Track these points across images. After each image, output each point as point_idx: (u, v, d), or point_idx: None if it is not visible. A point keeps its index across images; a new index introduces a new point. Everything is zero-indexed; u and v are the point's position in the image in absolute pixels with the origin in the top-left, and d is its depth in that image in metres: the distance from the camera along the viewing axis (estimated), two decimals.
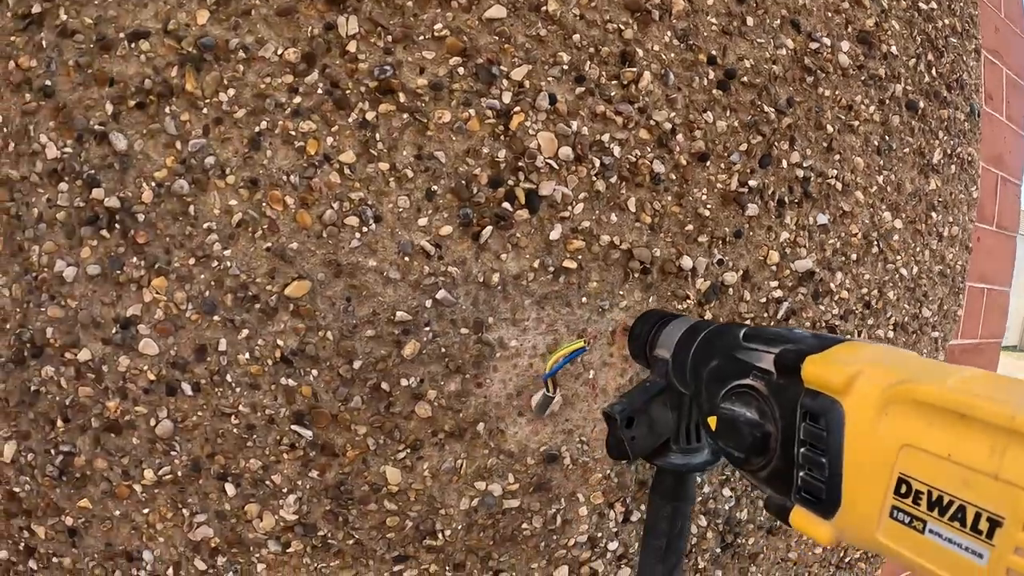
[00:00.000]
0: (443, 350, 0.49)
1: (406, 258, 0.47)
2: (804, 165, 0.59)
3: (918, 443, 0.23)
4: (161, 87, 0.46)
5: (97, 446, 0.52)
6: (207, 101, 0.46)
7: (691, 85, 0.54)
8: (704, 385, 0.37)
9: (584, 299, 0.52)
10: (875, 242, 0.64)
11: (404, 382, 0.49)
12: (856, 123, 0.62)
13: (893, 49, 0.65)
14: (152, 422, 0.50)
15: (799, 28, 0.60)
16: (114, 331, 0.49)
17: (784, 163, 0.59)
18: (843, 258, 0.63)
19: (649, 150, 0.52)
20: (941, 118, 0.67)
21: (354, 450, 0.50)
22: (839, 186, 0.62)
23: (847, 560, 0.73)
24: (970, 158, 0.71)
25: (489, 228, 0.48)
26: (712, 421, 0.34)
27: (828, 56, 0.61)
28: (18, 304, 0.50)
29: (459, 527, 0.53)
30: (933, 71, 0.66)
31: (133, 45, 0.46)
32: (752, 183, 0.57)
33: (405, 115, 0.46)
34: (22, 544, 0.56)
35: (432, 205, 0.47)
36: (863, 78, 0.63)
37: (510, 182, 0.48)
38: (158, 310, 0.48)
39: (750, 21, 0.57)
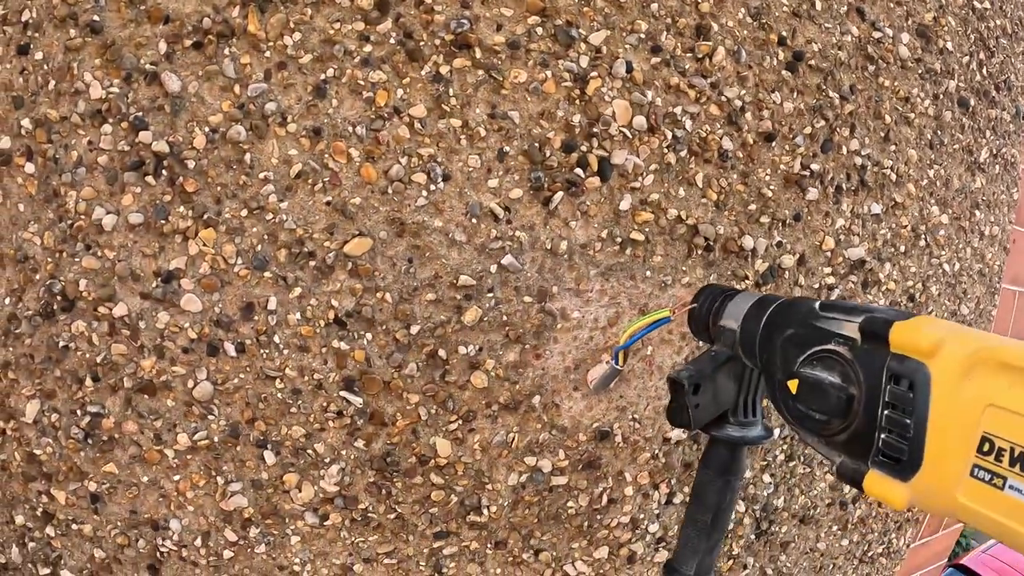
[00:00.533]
0: (505, 318, 0.47)
1: (473, 220, 0.45)
2: (862, 153, 0.59)
3: (1003, 403, 0.25)
4: (221, 27, 0.44)
5: (128, 408, 0.49)
6: (271, 44, 0.44)
7: (762, 64, 0.53)
8: (779, 352, 0.36)
9: (648, 273, 0.50)
10: (923, 235, 0.64)
11: (462, 350, 0.47)
12: (912, 115, 0.62)
13: (949, 45, 0.65)
14: (190, 383, 0.48)
15: (864, 16, 0.59)
16: (154, 285, 0.46)
17: (844, 149, 0.58)
18: (892, 249, 0.63)
19: (719, 126, 0.52)
20: (989, 117, 0.68)
21: (404, 420, 0.48)
22: (893, 176, 0.62)
23: (869, 554, 0.74)
24: (1013, 159, 0.72)
25: (560, 194, 0.46)
26: (793, 385, 0.34)
27: (889, 47, 0.61)
28: (50, 253, 0.47)
29: (505, 503, 0.52)
30: (984, 70, 0.66)
31: None
32: (814, 167, 0.56)
33: (480, 72, 0.45)
34: (40, 509, 0.53)
35: (503, 166, 0.46)
36: (920, 71, 0.63)
37: (583, 148, 0.47)
38: (204, 264, 0.46)
39: (819, 5, 0.56)
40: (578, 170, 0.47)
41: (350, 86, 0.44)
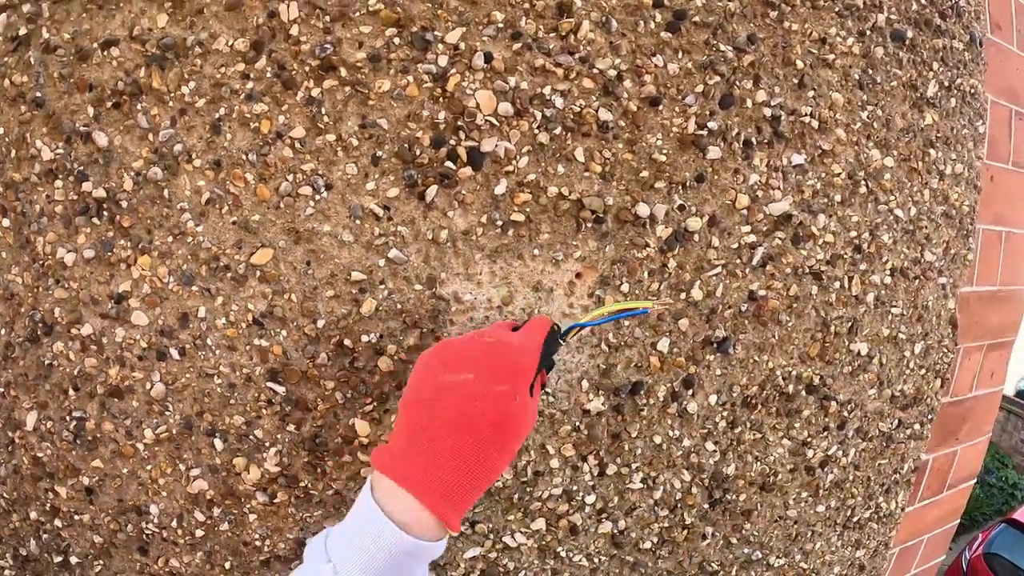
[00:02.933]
0: (399, 306, 0.62)
1: (357, 221, 0.61)
2: (772, 104, 0.68)
3: None
4: (132, 87, 0.61)
5: (103, 411, 0.69)
6: (172, 95, 0.61)
7: (636, 30, 0.64)
8: None
9: (536, 251, 0.63)
10: (862, 182, 0.72)
11: (365, 338, 0.63)
12: (831, 57, 0.70)
13: None
14: (148, 386, 0.67)
15: None
16: (110, 306, 0.65)
17: (748, 103, 0.67)
18: (825, 199, 0.71)
19: (594, 99, 0.63)
20: (935, 48, 0.73)
21: (325, 404, 0.64)
22: (815, 124, 0.70)
23: (855, 520, 0.81)
24: (972, 90, 0.76)
25: (434, 187, 0.61)
26: None
27: None
28: (30, 290, 0.68)
29: None
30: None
31: (106, 52, 0.61)
32: (712, 125, 0.66)
33: (347, 88, 0.60)
34: (48, 504, 0.75)
35: (378, 170, 0.60)
36: (837, 9, 0.70)
37: (451, 141, 0.61)
38: (145, 285, 0.64)
39: None
40: (449, 163, 0.61)
41: (239, 120, 0.61)
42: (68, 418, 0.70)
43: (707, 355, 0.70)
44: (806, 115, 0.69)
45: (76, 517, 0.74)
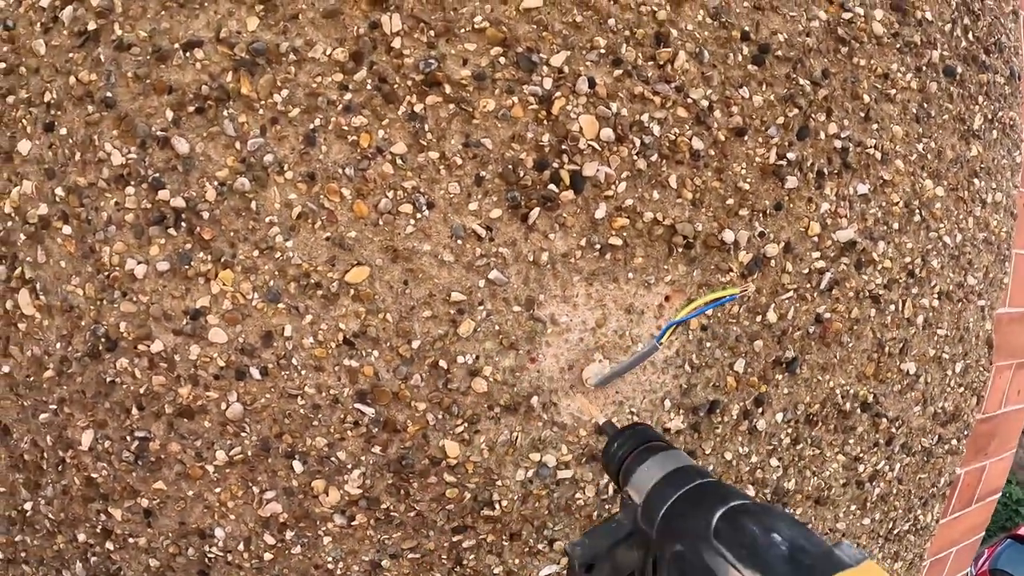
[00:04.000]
0: (497, 327, 0.56)
1: (459, 241, 0.54)
2: (842, 136, 0.65)
3: None
4: (218, 92, 0.53)
5: (171, 431, 0.60)
6: (262, 103, 0.53)
7: (726, 62, 0.60)
8: (667, 567, 0.34)
9: (631, 275, 0.58)
10: (917, 210, 0.70)
11: (461, 359, 0.56)
12: (893, 91, 0.68)
13: (928, 15, 0.69)
14: (223, 406, 0.58)
15: None
16: (184, 322, 0.57)
17: (822, 135, 0.64)
18: (885, 227, 0.69)
19: (688, 127, 0.59)
20: (980, 83, 0.72)
21: (415, 425, 0.58)
22: (878, 155, 0.67)
23: (895, 532, 0.80)
24: (1011, 122, 0.76)
25: (537, 209, 0.55)
26: None
27: (862, 25, 0.66)
28: (92, 302, 0.59)
29: (515, 497, 0.61)
30: (970, 35, 0.71)
31: (188, 54, 0.53)
32: (791, 156, 0.63)
33: (451, 105, 0.53)
34: (99, 527, 0.65)
35: (481, 190, 0.54)
36: (898, 46, 0.68)
37: (555, 164, 0.55)
38: (226, 300, 0.56)
39: None
40: (551, 186, 0.55)
41: (336, 132, 0.53)
42: (129, 438, 0.61)
43: (776, 375, 0.67)
44: (871, 147, 0.67)
45: (131, 540, 0.65)
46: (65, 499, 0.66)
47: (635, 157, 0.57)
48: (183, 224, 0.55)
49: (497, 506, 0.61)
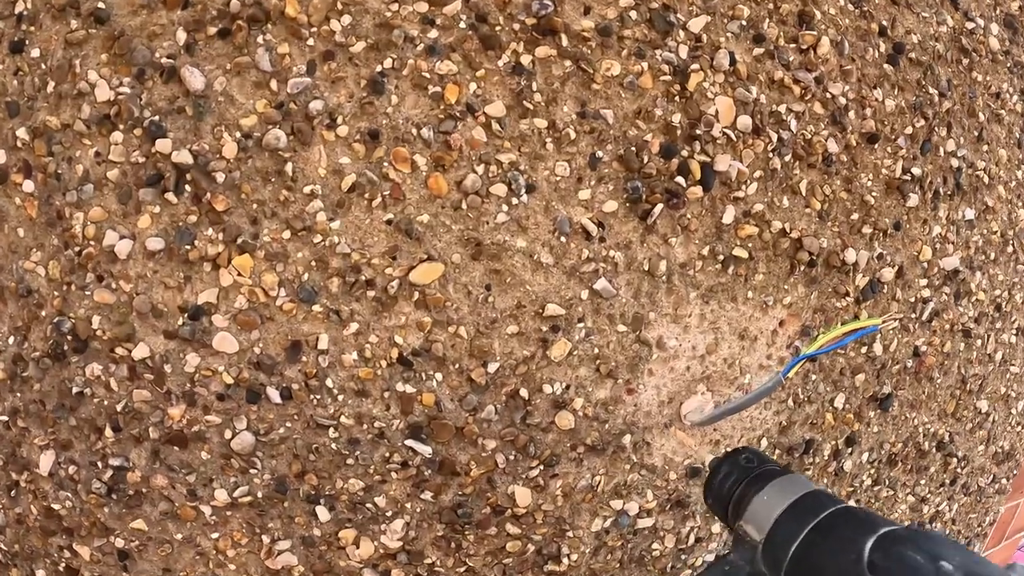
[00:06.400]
0: (596, 351, 0.37)
1: (562, 239, 0.35)
2: (958, 155, 0.49)
3: None
4: (253, 10, 0.32)
5: (156, 460, 0.38)
6: (314, 30, 0.32)
7: (864, 57, 0.42)
8: None
9: (750, 293, 0.40)
10: (1010, 241, 0.54)
11: (547, 389, 0.36)
12: (1003, 112, 0.52)
13: None
14: (227, 434, 0.37)
15: (957, 5, 0.48)
16: (181, 322, 0.35)
17: (942, 151, 0.48)
18: (983, 257, 0.53)
19: (823, 126, 0.41)
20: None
21: (479, 468, 0.37)
22: (986, 179, 0.51)
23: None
24: None
25: (660, 206, 0.36)
26: None
27: (981, 38, 0.50)
28: (56, 286, 0.36)
29: (587, 550, 0.42)
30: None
31: None
32: (915, 171, 0.46)
33: (567, 63, 0.33)
34: (63, 564, 0.42)
35: (596, 174, 0.35)
36: (1008, 64, 0.52)
37: (684, 152, 0.36)
38: (240, 297, 0.35)
39: None
40: (679, 178, 0.36)
41: (413, 80, 0.33)
42: (101, 465, 0.38)
43: (870, 412, 0.50)
44: (981, 169, 0.51)
45: None
46: (20, 529, 0.43)
47: (770, 154, 0.39)
48: (187, 188, 0.34)
49: (565, 560, 0.42)
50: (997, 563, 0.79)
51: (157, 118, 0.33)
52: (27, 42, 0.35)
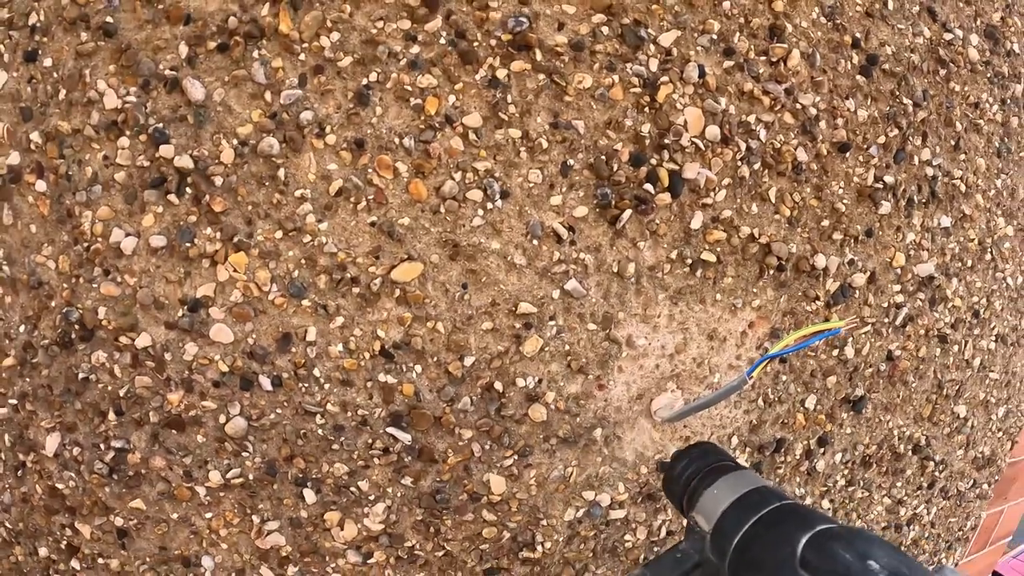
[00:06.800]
0: (567, 347, 0.39)
1: (534, 241, 0.37)
2: (934, 163, 0.51)
3: None
4: (249, 27, 0.35)
5: (155, 443, 0.41)
6: (305, 46, 0.35)
7: (836, 68, 0.44)
8: None
9: (718, 296, 0.42)
10: (988, 249, 0.56)
11: (520, 382, 0.39)
12: (981, 122, 0.54)
13: (1016, 47, 0.56)
14: (222, 419, 0.40)
15: (935, 16, 0.50)
16: (180, 314, 0.38)
17: (916, 160, 0.50)
18: (959, 264, 0.54)
19: (793, 136, 0.43)
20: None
21: (456, 456, 0.40)
22: (963, 187, 0.53)
23: None
24: None
25: (628, 212, 0.38)
26: None
27: (959, 49, 0.52)
28: (66, 279, 0.39)
29: (560, 539, 0.45)
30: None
31: None
32: (887, 179, 0.48)
33: (541, 76, 0.36)
34: (64, 542, 0.46)
35: (567, 181, 0.37)
36: (989, 75, 0.54)
37: (653, 160, 0.38)
38: (235, 291, 0.38)
39: (891, 4, 0.47)
40: (647, 185, 0.39)
41: (396, 92, 0.36)
42: (103, 446, 0.42)
43: (843, 413, 0.52)
44: (957, 178, 0.53)
45: (101, 561, 0.45)
46: (25, 507, 0.47)
47: (739, 163, 0.41)
48: (188, 190, 0.37)
49: (539, 547, 0.45)
50: (977, 569, 0.80)
51: (161, 125, 0.37)
52: (40, 52, 0.39)
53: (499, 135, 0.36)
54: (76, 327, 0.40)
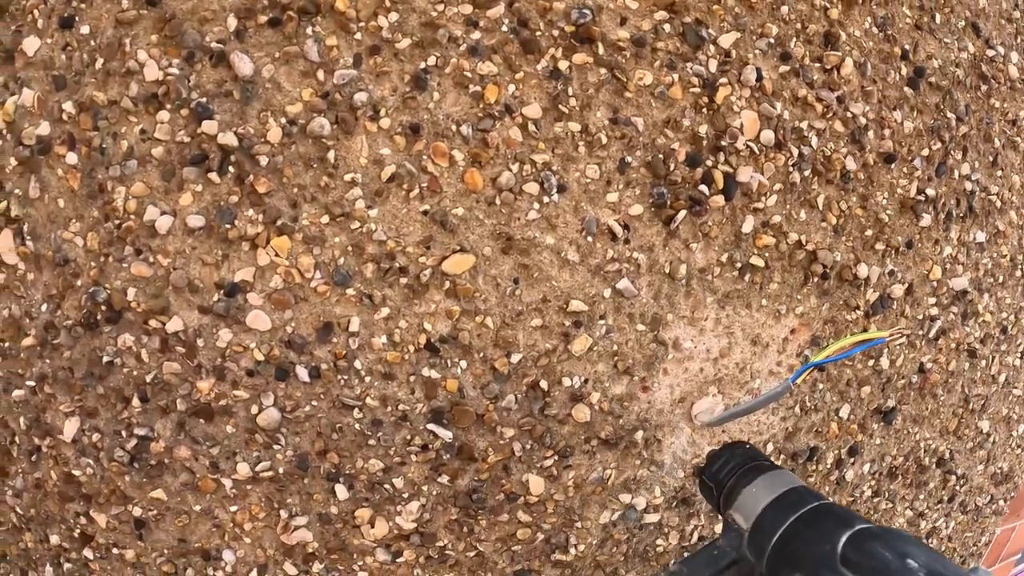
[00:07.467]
0: (615, 348, 0.39)
1: (589, 238, 0.37)
2: (972, 178, 0.51)
3: None
4: (304, 1, 0.34)
5: (181, 432, 0.40)
6: (362, 25, 0.34)
7: (886, 79, 0.45)
8: None
9: (764, 301, 0.42)
10: (1019, 265, 0.57)
11: (567, 382, 0.39)
12: (1018, 139, 0.54)
13: None
14: (254, 409, 0.39)
15: (979, 32, 0.51)
16: (216, 298, 0.37)
17: (956, 174, 0.50)
18: (992, 279, 0.55)
19: (843, 144, 0.43)
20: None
21: (496, 455, 0.40)
22: (998, 203, 0.54)
23: None
24: None
25: (683, 212, 0.38)
26: None
27: (1001, 65, 0.53)
28: (94, 257, 0.38)
29: (594, 542, 0.44)
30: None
31: None
32: (929, 192, 0.48)
33: (603, 70, 0.36)
34: (77, 531, 0.44)
35: (624, 179, 0.37)
36: None
37: (708, 162, 0.38)
38: (276, 276, 0.37)
39: (938, 18, 0.48)
40: (703, 187, 0.39)
41: (455, 78, 0.35)
42: (125, 433, 0.40)
43: (874, 423, 0.52)
44: (994, 194, 0.53)
45: (115, 551, 0.44)
46: (38, 494, 0.45)
47: (791, 168, 0.41)
48: (230, 169, 0.36)
49: (572, 550, 0.44)
50: None
51: (204, 100, 0.36)
52: (77, 18, 0.37)
53: (558, 128, 0.36)
54: (103, 308, 0.39)
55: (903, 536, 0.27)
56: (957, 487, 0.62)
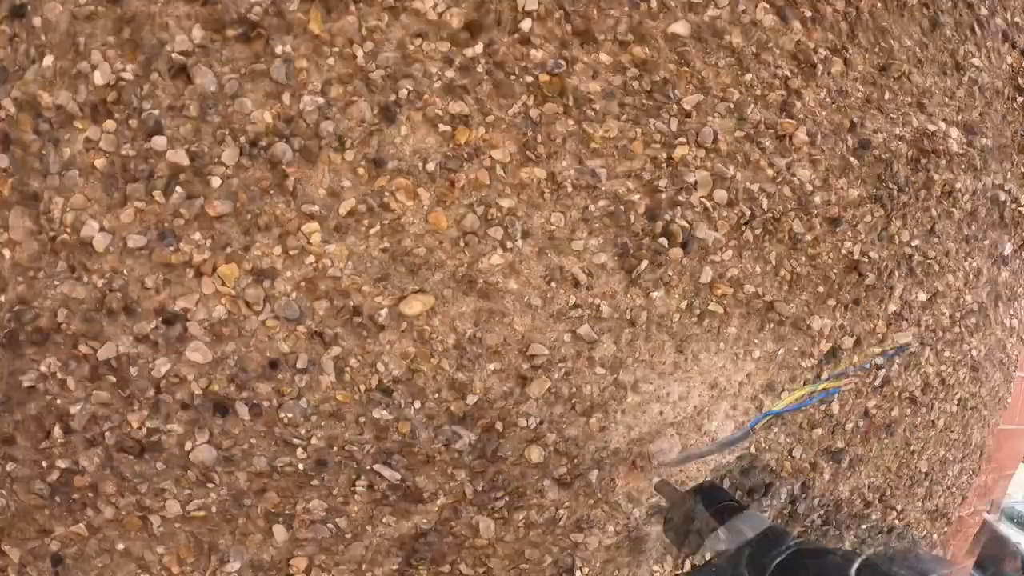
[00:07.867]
0: (573, 390, 0.39)
1: (552, 284, 0.37)
2: (912, 244, 0.55)
3: None
4: (276, 19, 0.33)
5: (107, 466, 0.37)
6: (335, 50, 0.33)
7: (833, 149, 0.47)
8: None
9: (722, 345, 0.43)
10: (958, 323, 0.61)
11: (522, 423, 0.38)
12: (954, 210, 0.58)
13: (988, 142, 0.61)
14: (187, 445, 0.37)
15: (924, 109, 0.54)
16: (154, 325, 0.35)
17: (897, 239, 0.54)
18: (932, 335, 0.59)
19: (791, 207, 0.45)
20: (1020, 214, 0.65)
21: (447, 497, 0.39)
22: (936, 267, 0.58)
23: None
24: None
25: (645, 263, 0.38)
26: None
27: (941, 141, 0.56)
28: (21, 271, 0.35)
29: None
30: (1022, 168, 0.63)
31: None
32: (872, 254, 0.51)
33: (571, 121, 0.36)
34: None
35: (588, 227, 0.37)
36: (963, 167, 0.59)
37: (667, 216, 0.39)
38: (220, 306, 0.35)
39: (887, 95, 0.51)
40: (662, 239, 0.39)
41: (426, 114, 0.34)
42: (46, 464, 0.37)
43: (823, 462, 0.54)
44: (932, 258, 0.57)
45: None
46: None
47: (743, 227, 0.42)
48: (178, 189, 0.34)
49: None
50: None
51: (157, 112, 0.34)
52: (30, 8, 0.35)
53: (524, 173, 0.36)
54: (27, 328, 0.36)
55: (924, 559, 0.30)
56: (897, 521, 0.65)
